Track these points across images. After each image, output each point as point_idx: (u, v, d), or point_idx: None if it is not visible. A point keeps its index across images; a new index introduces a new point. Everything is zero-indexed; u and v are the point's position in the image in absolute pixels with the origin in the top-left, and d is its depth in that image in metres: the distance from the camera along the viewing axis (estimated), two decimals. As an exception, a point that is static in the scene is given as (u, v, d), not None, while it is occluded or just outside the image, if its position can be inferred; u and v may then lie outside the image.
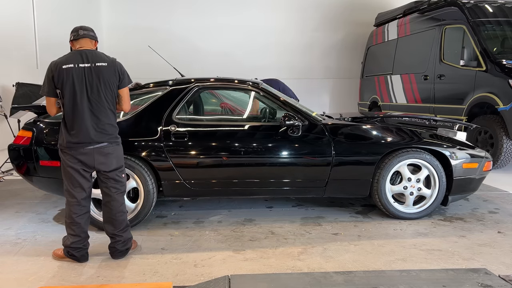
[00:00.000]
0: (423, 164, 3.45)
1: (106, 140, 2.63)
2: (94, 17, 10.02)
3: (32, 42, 7.36)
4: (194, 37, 10.27)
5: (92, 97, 2.58)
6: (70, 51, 2.70)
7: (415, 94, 7.25)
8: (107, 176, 2.69)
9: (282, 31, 10.45)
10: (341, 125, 3.50)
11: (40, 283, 2.43)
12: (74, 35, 2.67)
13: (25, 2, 7.23)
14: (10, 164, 5.20)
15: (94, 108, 2.59)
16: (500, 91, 5.38)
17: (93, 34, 2.72)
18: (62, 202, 4.03)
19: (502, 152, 5.45)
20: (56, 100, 2.64)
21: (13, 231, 3.31)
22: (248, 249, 2.95)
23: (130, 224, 2.91)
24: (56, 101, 2.64)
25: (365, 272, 2.29)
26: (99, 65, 2.61)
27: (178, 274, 2.55)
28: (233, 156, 3.36)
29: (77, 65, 2.57)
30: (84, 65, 2.58)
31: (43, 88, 2.64)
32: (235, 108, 4.20)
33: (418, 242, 3.06)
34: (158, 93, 3.48)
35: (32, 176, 3.37)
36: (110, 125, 2.66)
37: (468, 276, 2.18)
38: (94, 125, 2.59)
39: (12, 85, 5.89)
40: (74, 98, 2.56)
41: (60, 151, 2.67)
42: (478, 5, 6.12)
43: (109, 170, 2.67)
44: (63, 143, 2.62)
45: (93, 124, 2.59)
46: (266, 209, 3.87)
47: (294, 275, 2.29)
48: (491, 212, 3.79)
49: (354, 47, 10.50)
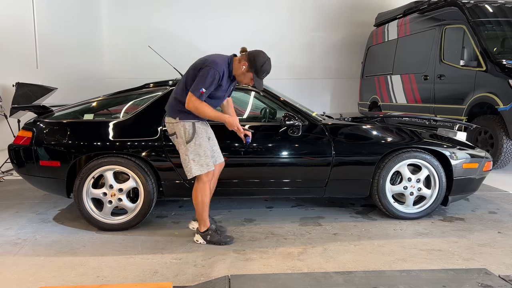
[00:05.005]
0: (423, 164, 3.45)
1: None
2: (94, 17, 10.03)
3: (32, 42, 7.36)
4: (194, 37, 10.27)
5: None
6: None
7: (415, 94, 7.25)
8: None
9: (282, 31, 10.46)
10: (341, 125, 3.50)
11: (40, 283, 2.43)
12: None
13: (25, 2, 7.23)
14: (10, 164, 5.20)
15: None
16: (500, 91, 5.38)
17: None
18: (62, 202, 4.04)
19: (502, 152, 5.45)
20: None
21: (13, 231, 3.31)
22: (248, 249, 2.95)
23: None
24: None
25: (365, 272, 2.29)
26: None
27: (178, 274, 2.55)
28: (233, 156, 3.36)
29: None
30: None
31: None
32: (235, 108, 4.19)
33: (418, 242, 3.06)
34: (158, 93, 3.48)
35: (32, 176, 3.37)
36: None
37: (468, 276, 2.18)
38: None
39: (12, 85, 5.90)
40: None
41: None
42: (478, 5, 6.12)
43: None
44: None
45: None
46: (266, 209, 3.87)
47: (294, 275, 2.29)
48: (491, 212, 3.79)
49: (354, 47, 10.51)
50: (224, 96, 2.97)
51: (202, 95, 2.75)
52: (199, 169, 2.88)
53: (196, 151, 2.87)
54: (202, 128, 2.93)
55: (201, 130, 2.91)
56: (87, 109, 3.56)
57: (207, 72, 2.74)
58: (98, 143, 3.27)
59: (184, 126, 2.87)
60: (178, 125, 2.88)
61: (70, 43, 8.51)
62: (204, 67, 2.76)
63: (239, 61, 2.84)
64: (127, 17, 10.24)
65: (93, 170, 3.20)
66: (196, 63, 2.88)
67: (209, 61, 2.78)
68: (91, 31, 9.86)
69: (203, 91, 2.73)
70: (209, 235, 3.01)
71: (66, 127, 3.33)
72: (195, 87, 2.75)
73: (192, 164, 2.87)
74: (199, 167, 2.88)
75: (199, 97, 2.75)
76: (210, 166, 2.92)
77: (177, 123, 2.88)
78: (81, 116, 3.47)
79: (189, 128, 2.87)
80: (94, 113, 3.54)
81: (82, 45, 9.10)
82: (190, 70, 2.89)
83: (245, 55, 2.84)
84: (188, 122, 2.87)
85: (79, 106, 3.58)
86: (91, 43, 9.80)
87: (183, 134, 2.87)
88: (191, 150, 2.86)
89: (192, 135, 2.87)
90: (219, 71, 2.76)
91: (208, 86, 2.74)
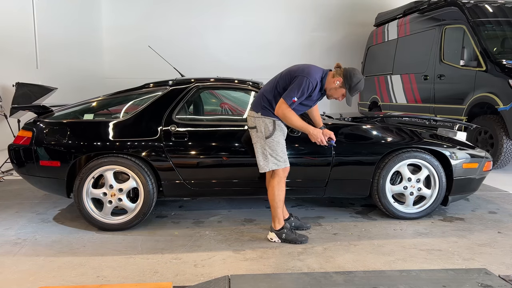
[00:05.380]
0: (423, 164, 3.45)
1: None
2: (94, 17, 10.03)
3: (32, 42, 7.36)
4: (194, 37, 10.28)
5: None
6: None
7: (415, 94, 7.25)
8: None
9: (282, 31, 10.46)
10: (341, 125, 3.50)
11: (40, 283, 2.43)
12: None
13: (25, 2, 7.23)
14: (10, 164, 5.20)
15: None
16: (500, 91, 5.38)
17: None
18: (62, 202, 4.04)
19: (502, 152, 5.45)
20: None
21: (13, 231, 3.31)
22: (248, 249, 2.95)
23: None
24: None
25: (365, 272, 2.29)
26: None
27: (178, 274, 2.55)
28: (233, 156, 3.36)
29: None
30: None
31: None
32: (235, 108, 4.20)
33: (418, 242, 3.06)
34: (158, 93, 3.48)
35: (32, 176, 3.37)
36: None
37: (468, 276, 2.18)
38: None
39: (12, 85, 5.90)
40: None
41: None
42: (478, 5, 6.12)
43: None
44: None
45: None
46: (266, 209, 3.87)
47: (294, 275, 2.29)
48: (491, 212, 3.79)
49: (354, 47, 10.50)
50: (311, 105, 3.08)
51: (293, 104, 2.85)
52: (276, 163, 2.97)
53: (274, 147, 2.97)
54: (281, 127, 3.03)
55: (280, 128, 3.02)
56: (87, 109, 3.56)
57: (302, 81, 2.84)
58: (98, 143, 3.27)
59: (265, 122, 2.96)
60: (260, 120, 2.97)
61: (70, 43, 8.51)
62: (300, 76, 2.86)
63: (333, 76, 2.95)
64: (127, 17, 10.24)
65: (93, 170, 3.20)
66: (293, 69, 2.99)
67: (306, 71, 2.89)
68: (91, 31, 9.86)
69: (294, 99, 2.84)
70: (284, 234, 3.05)
71: (66, 127, 3.33)
72: (289, 94, 2.84)
73: (269, 158, 2.97)
74: (276, 161, 2.97)
75: (290, 105, 2.85)
76: (287, 162, 3.03)
77: (259, 118, 2.97)
78: (81, 116, 3.47)
79: (269, 124, 2.97)
80: (94, 113, 3.54)
81: (82, 45, 9.10)
82: (285, 73, 2.99)
83: (340, 71, 2.95)
84: (269, 119, 2.97)
85: (79, 106, 3.58)
86: (91, 43, 9.80)
87: (263, 129, 2.97)
88: (269, 145, 2.97)
89: (272, 132, 2.97)
90: (313, 82, 2.87)
91: (300, 95, 2.85)
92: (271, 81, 3.06)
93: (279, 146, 2.98)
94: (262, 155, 2.99)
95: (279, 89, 2.95)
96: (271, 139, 2.96)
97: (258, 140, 3.00)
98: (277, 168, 2.98)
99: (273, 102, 2.96)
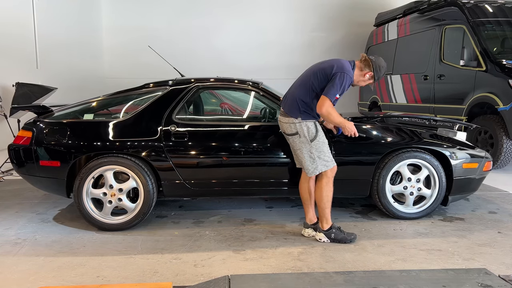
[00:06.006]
0: (423, 164, 3.45)
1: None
2: (94, 17, 10.03)
3: (32, 42, 7.36)
4: (194, 37, 10.28)
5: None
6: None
7: (415, 94, 7.25)
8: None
9: (282, 31, 10.46)
10: (341, 125, 3.50)
11: (40, 283, 2.43)
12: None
13: (25, 2, 7.23)
14: (10, 164, 5.20)
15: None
16: (500, 91, 5.38)
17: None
18: (62, 202, 4.04)
19: (502, 152, 5.45)
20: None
21: (13, 231, 3.31)
22: (248, 249, 2.95)
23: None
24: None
25: (365, 272, 2.29)
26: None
27: (178, 274, 2.55)
28: (233, 156, 3.36)
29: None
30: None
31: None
32: (235, 108, 4.20)
33: (418, 242, 3.06)
34: (158, 93, 3.48)
35: (32, 176, 3.37)
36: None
37: (468, 276, 2.18)
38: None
39: (12, 85, 5.89)
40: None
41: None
42: (478, 5, 6.12)
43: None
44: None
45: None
46: (266, 209, 3.87)
47: (294, 275, 2.29)
48: (491, 212, 3.79)
49: (354, 47, 10.50)
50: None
51: (335, 101, 2.90)
52: (325, 164, 3.00)
53: (321, 148, 3.00)
54: (321, 127, 3.07)
55: (321, 128, 3.07)
56: (87, 109, 3.56)
57: (342, 78, 2.88)
58: (98, 143, 3.27)
59: (307, 126, 2.99)
60: (301, 125, 2.99)
61: (70, 43, 8.51)
62: (338, 73, 2.89)
63: (361, 69, 3.02)
64: (127, 17, 10.24)
65: (93, 170, 3.20)
66: (324, 66, 2.99)
67: (340, 67, 2.92)
68: (91, 31, 9.86)
69: (337, 96, 2.90)
70: (333, 233, 3.06)
71: (66, 127, 3.33)
72: (331, 92, 2.87)
73: (318, 161, 2.99)
74: (325, 163, 3.00)
75: (332, 102, 2.88)
76: (333, 161, 3.06)
77: (300, 123, 2.99)
78: (81, 116, 3.47)
79: (311, 127, 3.00)
80: (94, 113, 3.54)
81: (82, 45, 9.09)
82: (317, 72, 2.99)
83: (366, 62, 3.01)
84: (310, 121, 3.01)
85: (79, 106, 3.58)
86: (91, 43, 9.80)
87: (306, 134, 2.98)
88: (316, 148, 2.99)
89: (315, 134, 3.00)
90: (351, 77, 2.96)
91: (341, 92, 2.91)
92: (301, 83, 3.05)
93: (325, 146, 3.02)
94: (309, 159, 2.99)
95: (315, 89, 2.96)
96: (316, 141, 2.99)
97: (302, 146, 3.00)
98: (327, 169, 3.00)
99: (312, 104, 2.97)
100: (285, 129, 3.06)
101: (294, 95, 3.03)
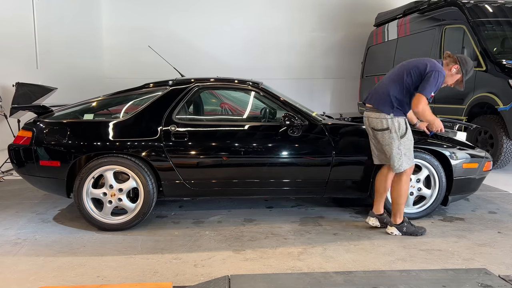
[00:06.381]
0: (423, 164, 3.45)
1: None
2: (94, 16, 10.02)
3: (32, 42, 7.35)
4: (194, 37, 10.27)
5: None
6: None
7: (415, 94, 7.24)
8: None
9: (282, 31, 10.45)
10: (341, 125, 3.50)
11: (40, 283, 2.43)
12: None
13: (25, 2, 7.22)
14: (10, 164, 5.20)
15: None
16: (500, 91, 5.38)
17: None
18: (62, 202, 4.04)
19: (502, 152, 5.45)
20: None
21: (13, 231, 3.31)
22: (248, 249, 2.95)
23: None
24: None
25: (365, 272, 2.29)
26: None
27: (178, 274, 2.55)
28: (233, 156, 3.36)
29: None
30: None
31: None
32: (235, 108, 4.20)
33: (418, 242, 3.06)
34: (158, 93, 3.48)
35: (32, 176, 3.37)
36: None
37: (468, 276, 2.18)
38: None
39: (12, 85, 5.89)
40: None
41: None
42: (478, 5, 6.12)
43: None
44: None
45: None
46: (266, 209, 3.87)
47: (294, 275, 2.29)
48: (491, 212, 3.79)
49: (354, 47, 10.50)
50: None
51: (430, 98, 2.99)
52: (408, 162, 3.08)
53: (409, 145, 3.08)
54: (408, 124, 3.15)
55: (409, 126, 3.12)
56: (87, 109, 3.56)
57: (437, 76, 2.94)
58: (98, 143, 3.27)
59: (398, 122, 3.05)
60: (393, 121, 3.05)
61: (70, 43, 8.50)
62: (433, 71, 2.95)
63: (447, 64, 3.08)
64: (127, 17, 10.23)
65: (93, 170, 3.20)
66: (417, 65, 3.04)
67: (433, 66, 2.98)
68: (91, 31, 9.85)
69: (432, 94, 2.97)
70: (405, 227, 3.17)
71: (66, 127, 3.33)
72: (428, 90, 2.93)
73: (404, 158, 3.06)
74: (408, 161, 3.08)
75: (428, 100, 2.96)
76: (414, 159, 3.15)
77: (392, 119, 3.05)
78: (81, 116, 3.47)
79: (402, 123, 3.07)
80: (94, 113, 3.55)
81: (82, 45, 9.09)
82: (410, 70, 3.04)
83: (451, 59, 3.07)
84: (401, 118, 3.08)
85: (79, 106, 3.58)
86: (91, 42, 9.79)
87: (397, 129, 3.04)
88: (404, 145, 3.06)
89: (405, 130, 3.07)
90: (444, 75, 3.00)
91: (436, 90, 2.97)
92: (393, 80, 3.10)
93: (411, 144, 3.10)
94: (397, 155, 3.05)
95: (409, 87, 3.03)
96: (405, 138, 3.06)
97: (392, 141, 3.05)
98: (409, 167, 3.06)
99: (405, 102, 3.06)
100: (375, 124, 3.11)
101: (387, 92, 3.09)
